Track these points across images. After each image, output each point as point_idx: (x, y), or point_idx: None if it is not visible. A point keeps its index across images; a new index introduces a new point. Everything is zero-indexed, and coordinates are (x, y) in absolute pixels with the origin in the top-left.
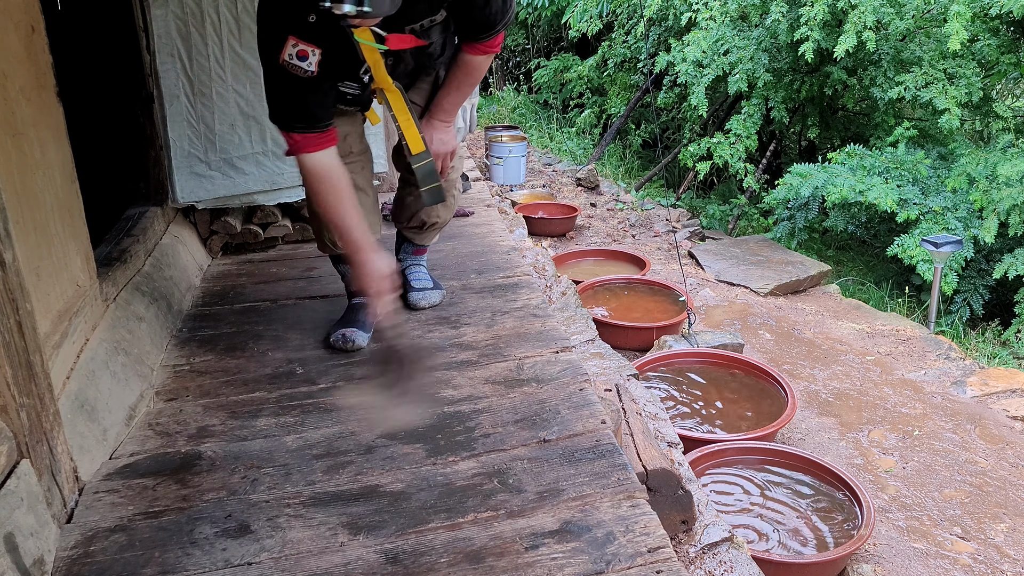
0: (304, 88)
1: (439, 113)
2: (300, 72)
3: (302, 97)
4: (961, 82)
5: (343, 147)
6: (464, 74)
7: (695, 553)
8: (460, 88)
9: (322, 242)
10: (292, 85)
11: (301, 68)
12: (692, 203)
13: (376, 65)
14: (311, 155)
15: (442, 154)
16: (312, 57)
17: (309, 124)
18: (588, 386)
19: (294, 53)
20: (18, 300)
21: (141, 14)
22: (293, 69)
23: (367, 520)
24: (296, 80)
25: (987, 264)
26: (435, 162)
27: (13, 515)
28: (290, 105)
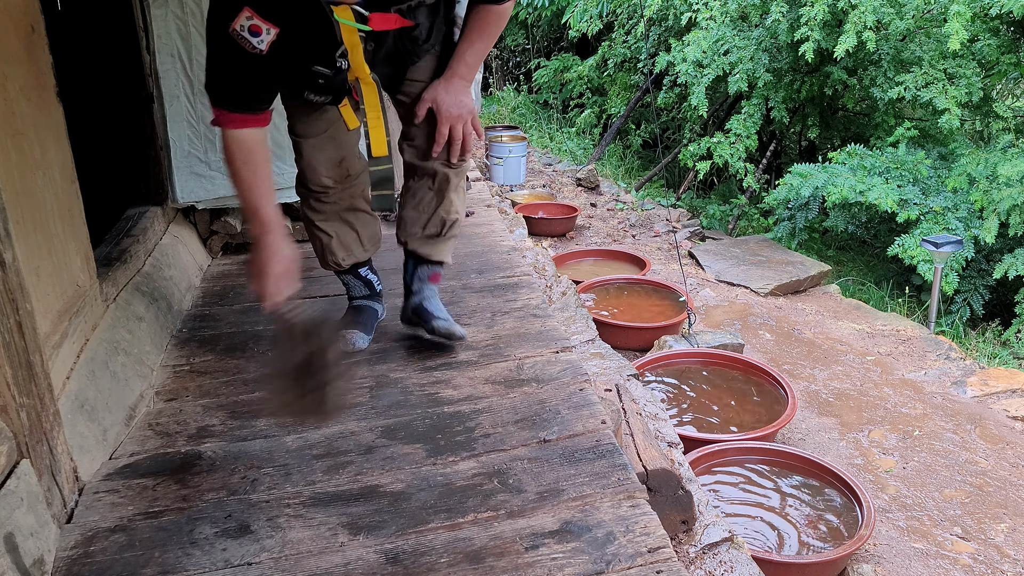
0: (248, 65)
1: (460, 67)
2: (247, 46)
3: (243, 74)
4: (961, 82)
5: (340, 171)
6: (487, 22)
7: (695, 553)
8: (484, 37)
9: (324, 260)
10: (235, 58)
11: (249, 43)
12: (692, 203)
13: (354, 49)
14: (236, 131)
15: (463, 117)
16: (265, 36)
17: (243, 105)
18: (588, 386)
19: (247, 26)
20: (18, 300)
21: (141, 14)
22: (241, 41)
23: (367, 520)
24: (242, 54)
25: (987, 264)
26: (456, 127)
27: (13, 515)
28: (228, 80)
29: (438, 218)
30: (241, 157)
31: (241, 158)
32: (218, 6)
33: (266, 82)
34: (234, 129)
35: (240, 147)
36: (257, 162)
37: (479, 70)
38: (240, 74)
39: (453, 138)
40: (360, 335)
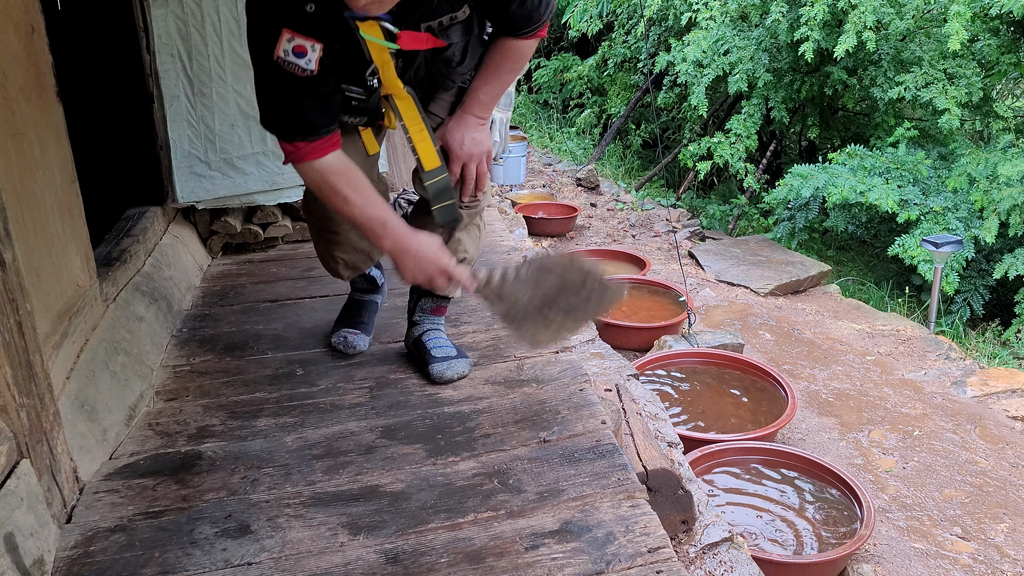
0: (303, 90)
1: (474, 106)
2: (298, 71)
3: (300, 101)
4: (961, 82)
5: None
6: (505, 58)
7: (695, 553)
8: (500, 75)
9: (332, 267)
10: (288, 86)
11: (298, 66)
12: (692, 203)
13: (385, 66)
14: (315, 162)
15: (476, 156)
16: (311, 53)
17: (309, 132)
18: (588, 386)
19: (290, 49)
20: (18, 300)
21: (141, 14)
22: (290, 68)
23: (367, 520)
24: (293, 81)
25: (987, 264)
26: (469, 167)
27: (13, 515)
28: (287, 110)
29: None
30: (341, 183)
31: (342, 184)
32: (257, 36)
33: (326, 101)
34: (318, 159)
35: (335, 174)
36: (359, 180)
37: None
38: (301, 101)
39: (465, 178)
40: (360, 336)
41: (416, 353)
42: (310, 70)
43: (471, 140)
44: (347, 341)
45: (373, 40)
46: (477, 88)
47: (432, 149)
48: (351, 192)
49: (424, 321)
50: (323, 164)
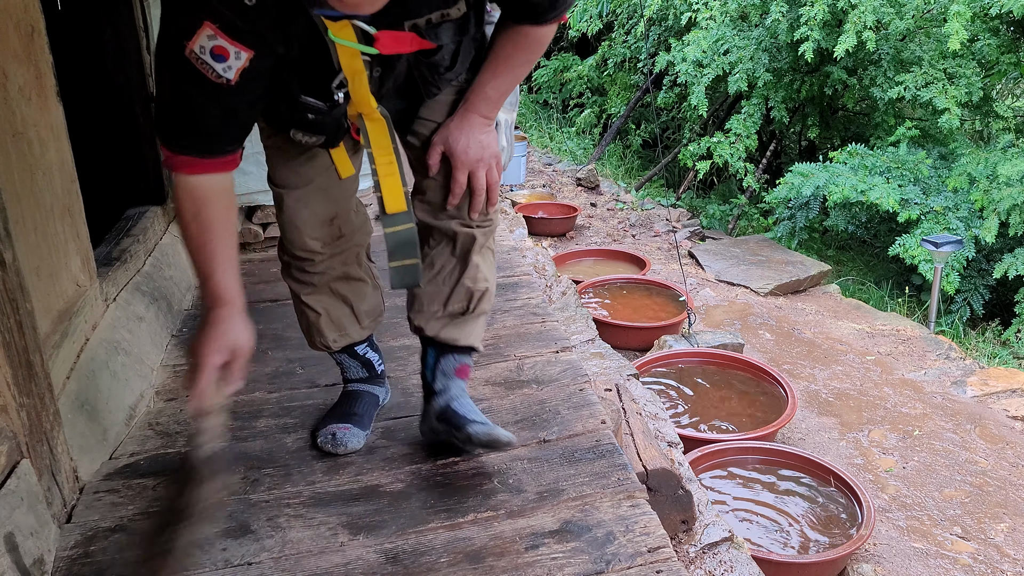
0: (210, 97)
1: (480, 104)
2: (209, 74)
3: (203, 109)
4: (961, 82)
5: (331, 231)
6: (519, 47)
7: (695, 553)
8: (512, 67)
9: (311, 341)
10: (193, 88)
11: (212, 69)
12: (692, 203)
13: (356, 77)
14: (190, 177)
15: (484, 161)
16: (234, 61)
17: (203, 147)
18: (588, 386)
19: (207, 47)
20: (18, 300)
21: (142, 14)
22: (201, 67)
23: (367, 520)
24: (201, 82)
25: (987, 264)
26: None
27: (13, 515)
28: (183, 115)
29: (463, 289)
30: (191, 209)
31: (191, 210)
32: (171, 19)
33: (236, 118)
34: (188, 175)
35: (192, 197)
36: (211, 217)
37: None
38: (199, 109)
39: (474, 188)
40: (353, 432)
41: (443, 428)
42: (226, 79)
43: (477, 143)
44: (335, 439)
45: (344, 43)
46: (484, 82)
47: (399, 188)
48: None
49: (450, 387)
50: (189, 182)
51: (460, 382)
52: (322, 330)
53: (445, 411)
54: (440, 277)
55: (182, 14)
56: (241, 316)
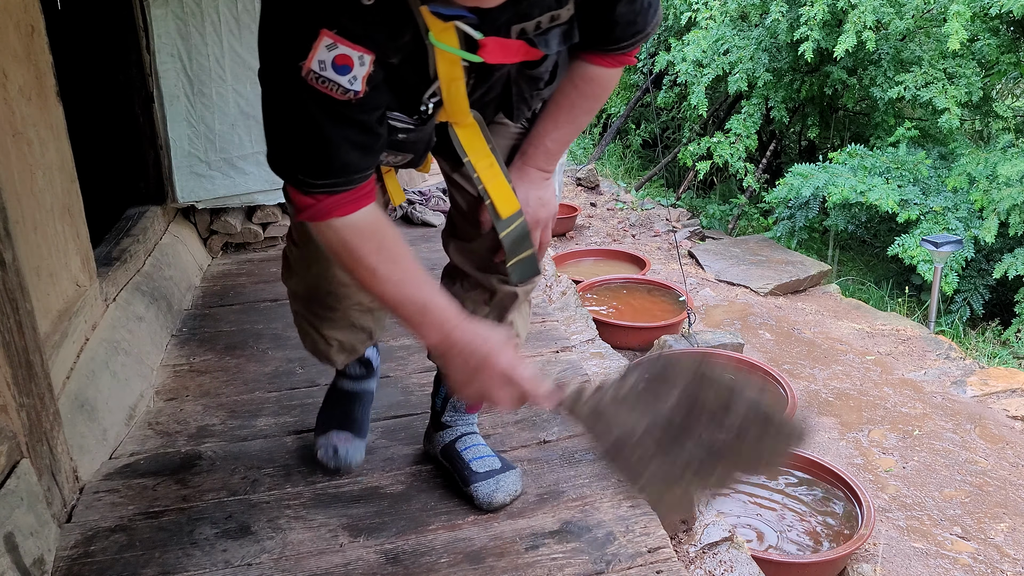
0: (339, 119)
1: (538, 157)
2: (335, 92)
3: (333, 135)
4: (961, 82)
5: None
6: (582, 94)
7: (695, 553)
8: (575, 116)
9: (321, 351)
10: (319, 115)
11: (337, 86)
12: (692, 203)
13: (452, 84)
14: (347, 219)
15: (542, 221)
16: (358, 68)
17: (340, 179)
18: (588, 386)
19: (329, 60)
20: (18, 300)
21: (141, 13)
22: (324, 87)
23: (368, 521)
24: (327, 106)
25: (987, 264)
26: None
27: (13, 515)
28: (311, 148)
29: None
30: (371, 248)
31: (371, 249)
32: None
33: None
34: (344, 216)
35: (363, 236)
36: (393, 246)
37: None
38: (333, 137)
39: None
40: (354, 444)
41: (448, 464)
42: (354, 91)
43: (537, 200)
44: (337, 456)
45: (447, 49)
46: (543, 133)
47: (508, 188)
48: (383, 263)
49: (458, 423)
50: (350, 223)
51: (470, 417)
52: (332, 357)
53: (450, 450)
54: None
55: (291, 31)
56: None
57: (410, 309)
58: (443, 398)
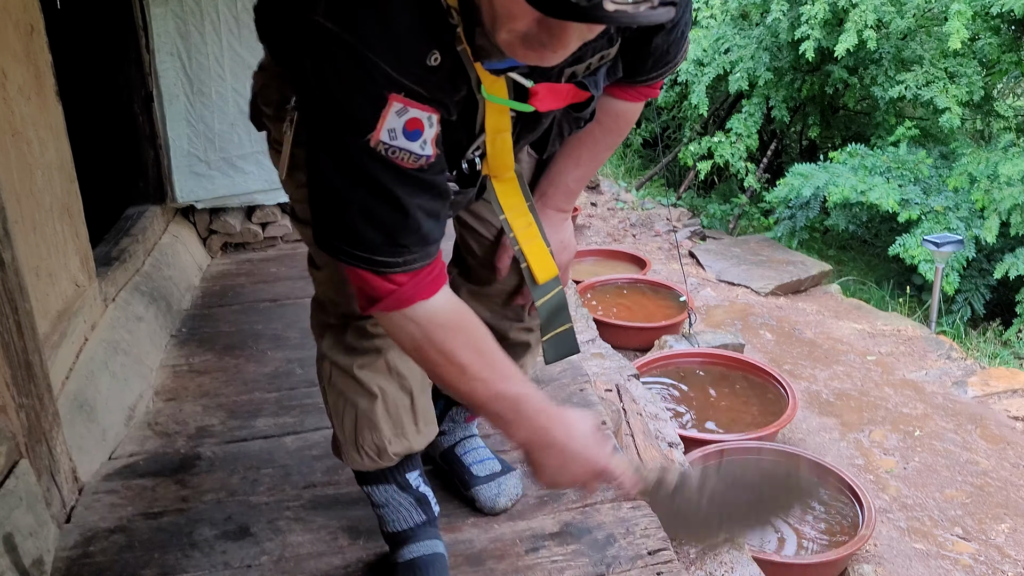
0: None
1: (557, 197)
2: (406, 161)
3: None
4: (962, 81)
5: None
6: (607, 131)
7: (696, 553)
8: (597, 153)
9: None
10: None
11: (409, 153)
12: (693, 202)
13: (499, 137)
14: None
15: (562, 264)
16: (428, 131)
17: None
18: (589, 386)
19: (400, 127)
20: (17, 300)
21: (141, 13)
22: (394, 157)
23: (368, 523)
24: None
25: (988, 264)
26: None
27: (12, 515)
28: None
29: None
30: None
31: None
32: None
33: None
34: (428, 301)
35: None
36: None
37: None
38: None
39: None
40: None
41: (447, 468)
42: (426, 156)
43: (559, 244)
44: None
45: (499, 102)
46: (564, 172)
47: (545, 251)
48: (474, 358)
49: (456, 429)
50: (434, 311)
51: (470, 425)
52: (377, 423)
53: (449, 454)
54: None
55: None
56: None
57: (502, 406)
58: (439, 413)
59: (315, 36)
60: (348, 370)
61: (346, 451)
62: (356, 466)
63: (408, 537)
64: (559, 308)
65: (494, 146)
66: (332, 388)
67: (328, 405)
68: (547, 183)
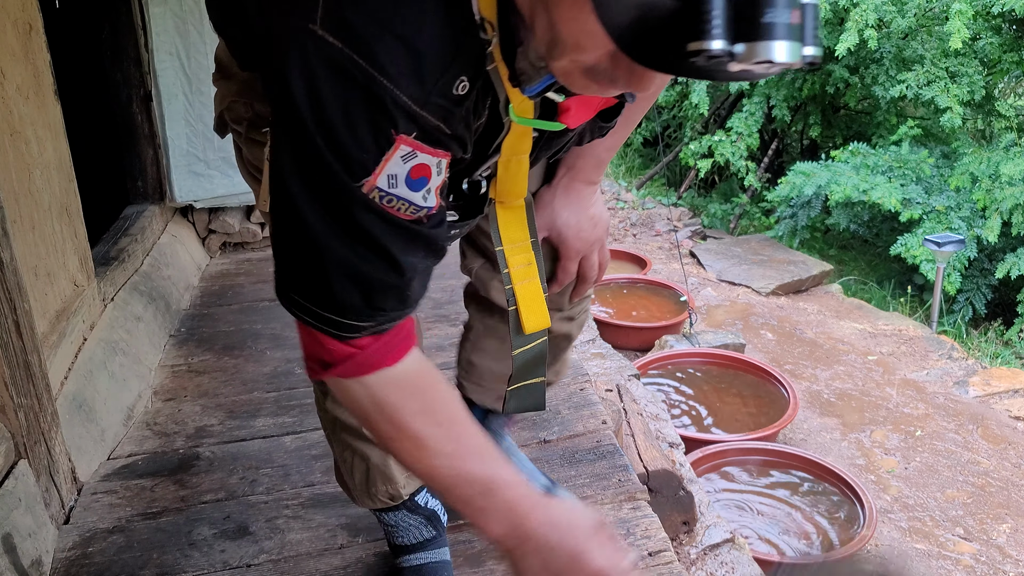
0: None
1: (588, 168)
2: (402, 212)
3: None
4: (963, 80)
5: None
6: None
7: (696, 554)
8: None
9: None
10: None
11: (408, 204)
12: (693, 202)
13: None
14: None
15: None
16: (435, 179)
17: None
18: (589, 386)
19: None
20: (16, 300)
21: (140, 12)
22: (391, 207)
23: (367, 522)
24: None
25: (990, 263)
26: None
27: (11, 516)
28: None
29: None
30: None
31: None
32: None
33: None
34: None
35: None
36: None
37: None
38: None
39: (584, 275)
40: None
41: None
42: (427, 208)
43: (590, 221)
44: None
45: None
46: (597, 142)
47: (541, 298)
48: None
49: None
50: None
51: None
52: (390, 475)
53: None
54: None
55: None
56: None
57: (468, 491)
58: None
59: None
60: (356, 428)
61: (357, 496)
62: (367, 507)
63: (417, 547)
64: (538, 360)
65: (507, 169)
66: (339, 442)
67: (335, 453)
68: (575, 155)
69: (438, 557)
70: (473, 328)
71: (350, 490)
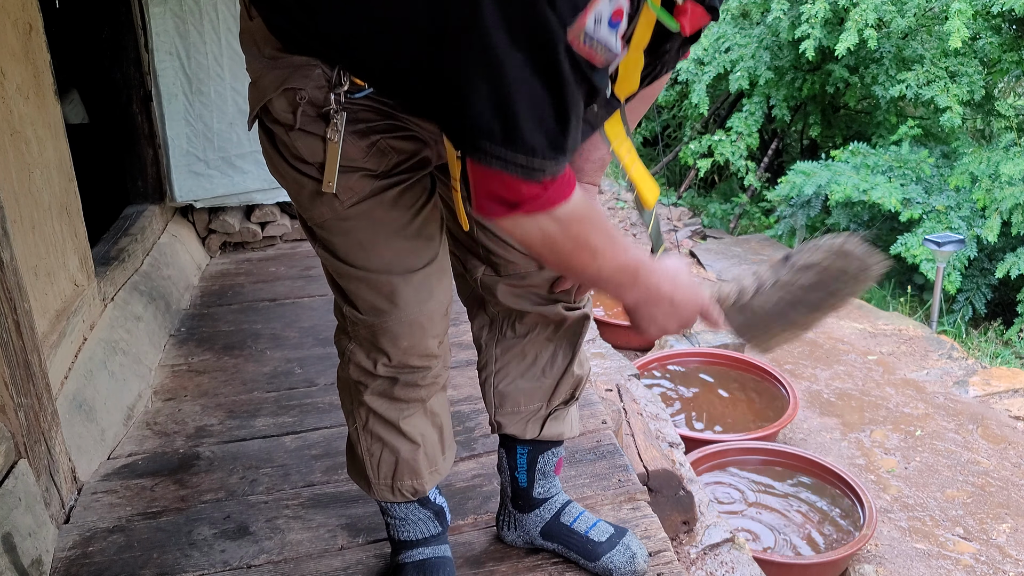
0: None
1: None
2: (597, 56)
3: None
4: (963, 80)
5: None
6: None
7: (696, 554)
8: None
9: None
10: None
11: (605, 48)
12: (693, 202)
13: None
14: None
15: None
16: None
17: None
18: (589, 386)
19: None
20: (16, 300)
21: (140, 12)
22: (592, 51)
23: (367, 522)
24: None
25: (990, 263)
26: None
27: (11, 515)
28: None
29: (571, 379)
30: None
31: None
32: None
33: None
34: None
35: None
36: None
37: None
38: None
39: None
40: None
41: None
42: (615, 55)
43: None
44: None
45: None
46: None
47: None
48: (602, 239)
49: (553, 491)
50: (571, 208)
51: (556, 480)
52: (418, 469)
53: (557, 529)
54: (538, 369)
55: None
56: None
57: (622, 276)
58: (525, 471)
59: None
60: (393, 422)
61: (377, 490)
62: (385, 501)
63: (420, 543)
64: (658, 229)
65: (628, 65)
66: (369, 434)
67: (359, 446)
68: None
69: (441, 553)
70: (488, 360)
71: (370, 483)
